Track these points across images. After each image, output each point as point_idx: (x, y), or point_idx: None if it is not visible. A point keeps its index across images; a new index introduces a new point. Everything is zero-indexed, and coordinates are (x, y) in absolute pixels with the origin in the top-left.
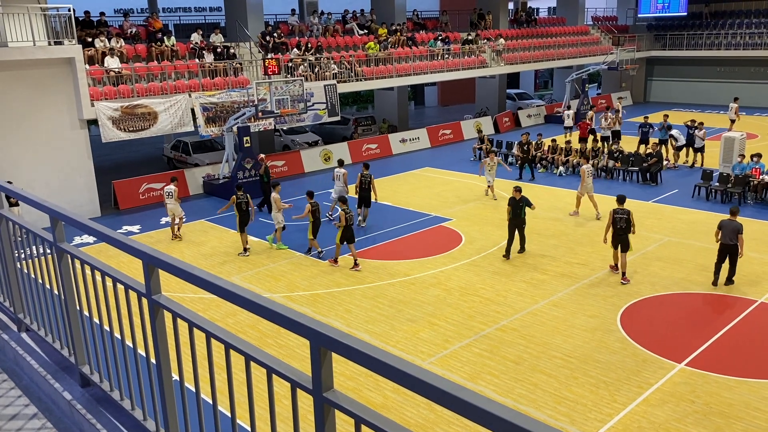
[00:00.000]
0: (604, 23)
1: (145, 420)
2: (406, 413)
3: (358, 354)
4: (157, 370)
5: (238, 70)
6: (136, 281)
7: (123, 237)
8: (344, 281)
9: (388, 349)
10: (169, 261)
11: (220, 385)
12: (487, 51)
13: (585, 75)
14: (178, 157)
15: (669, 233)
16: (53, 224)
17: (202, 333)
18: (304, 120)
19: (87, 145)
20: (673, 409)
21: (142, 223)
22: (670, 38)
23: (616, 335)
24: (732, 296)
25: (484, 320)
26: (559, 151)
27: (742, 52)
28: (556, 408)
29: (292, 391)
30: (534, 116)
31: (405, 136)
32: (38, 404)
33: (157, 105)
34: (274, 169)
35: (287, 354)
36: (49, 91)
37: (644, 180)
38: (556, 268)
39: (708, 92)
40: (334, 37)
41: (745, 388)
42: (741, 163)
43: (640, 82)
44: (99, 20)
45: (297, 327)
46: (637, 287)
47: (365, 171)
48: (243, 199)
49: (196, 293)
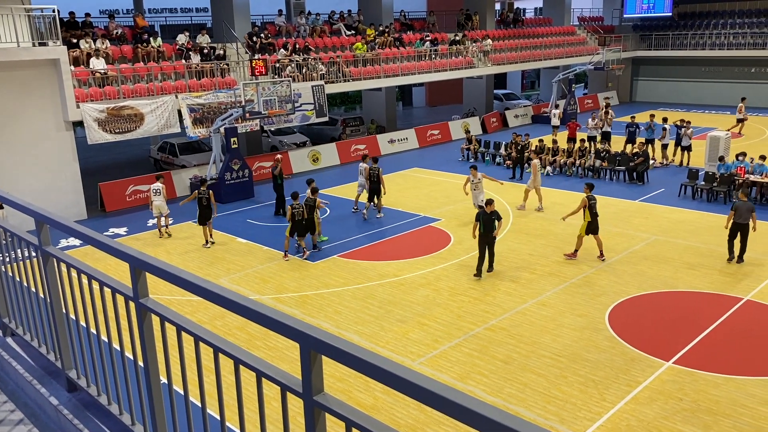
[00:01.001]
0: (590, 23)
1: (133, 425)
2: (396, 414)
3: (348, 357)
4: (145, 375)
5: (225, 71)
6: (123, 284)
7: (109, 240)
8: (333, 283)
9: (377, 350)
10: (156, 264)
11: (209, 388)
12: (472, 50)
13: (571, 75)
14: (165, 158)
15: (656, 232)
16: (38, 227)
17: (191, 336)
18: (291, 121)
19: (73, 147)
20: (662, 406)
21: (129, 225)
22: (655, 38)
23: (604, 334)
24: (719, 294)
25: (474, 320)
26: (546, 150)
27: (727, 52)
28: (546, 407)
29: (282, 395)
30: (521, 116)
31: (393, 136)
32: (24, 410)
33: (143, 106)
34: (261, 171)
35: (277, 356)
36: (33, 93)
37: (631, 179)
38: (544, 267)
39: (693, 92)
40: (321, 38)
41: (732, 385)
42: (725, 163)
43: (626, 82)
44: (84, 21)
45: (286, 330)
46: (624, 286)
47: (374, 164)
48: (204, 195)
49: (185, 296)
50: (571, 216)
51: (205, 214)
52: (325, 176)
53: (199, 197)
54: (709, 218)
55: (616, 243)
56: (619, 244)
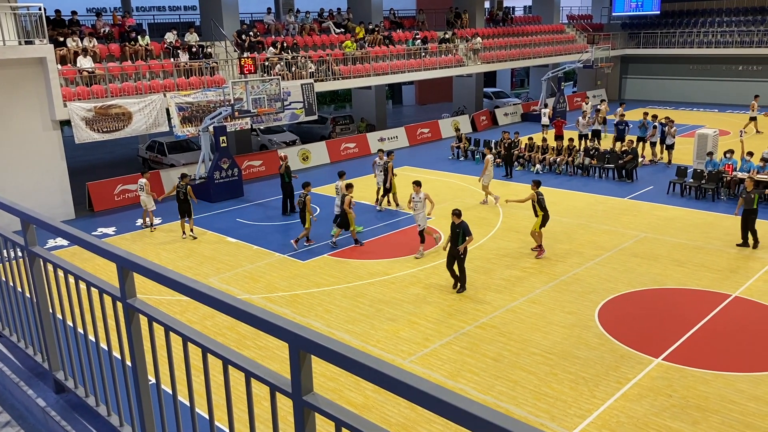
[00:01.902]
0: (579, 22)
1: (121, 426)
2: (387, 413)
3: (338, 356)
4: (133, 375)
5: (213, 70)
6: (110, 285)
7: (96, 240)
8: (324, 282)
9: (368, 349)
10: (143, 264)
11: (198, 388)
12: (463, 49)
13: (561, 73)
14: (154, 157)
15: (645, 229)
16: (24, 228)
17: (179, 337)
18: (281, 119)
19: (60, 146)
20: (651, 403)
21: (118, 224)
22: (644, 36)
23: (594, 331)
24: (707, 291)
25: (464, 318)
26: (536, 149)
27: (714, 50)
28: (536, 404)
29: (271, 395)
30: (511, 114)
31: (383, 135)
32: (11, 411)
33: (131, 105)
34: (250, 170)
35: (267, 355)
36: (20, 92)
37: (620, 177)
38: (534, 265)
39: (681, 90)
40: (311, 36)
41: (720, 381)
42: (713, 160)
43: (614, 80)
44: (71, 19)
45: (276, 330)
46: (614, 283)
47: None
48: (182, 189)
49: (173, 296)
50: (514, 202)
51: (183, 207)
52: (314, 175)
53: (177, 191)
54: (698, 215)
55: (605, 240)
56: (608, 241)
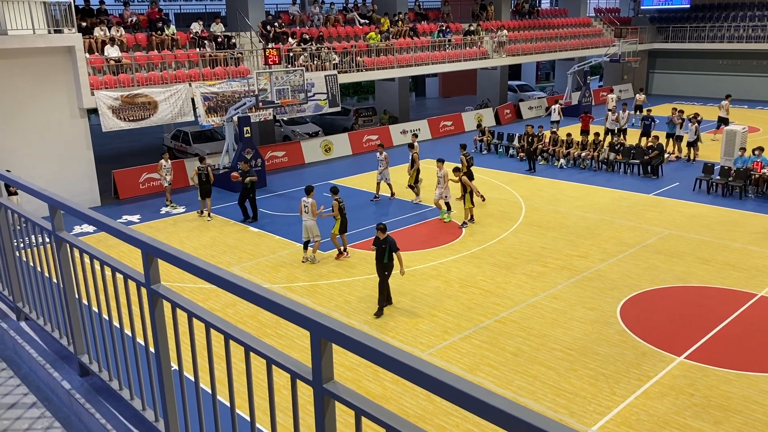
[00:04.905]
0: (606, 15)
1: (144, 410)
2: (405, 404)
3: (359, 345)
4: (156, 360)
5: (238, 60)
6: (135, 271)
7: (122, 226)
8: (344, 273)
9: (387, 340)
10: (168, 251)
11: (219, 375)
12: (488, 42)
13: (587, 67)
14: (179, 146)
15: (669, 226)
16: (52, 213)
17: (202, 323)
18: (304, 110)
19: (87, 134)
20: (672, 401)
21: (142, 212)
22: (672, 30)
23: (615, 328)
24: (732, 290)
25: (484, 312)
26: (560, 143)
27: (745, 45)
28: (555, 400)
29: (292, 382)
30: (535, 108)
31: (406, 127)
32: (37, 393)
33: (157, 94)
34: (273, 160)
35: (287, 344)
36: (48, 80)
37: (645, 173)
38: (556, 260)
39: (710, 85)
40: (335, 27)
41: (744, 381)
42: (742, 157)
43: (642, 75)
44: (99, 9)
45: (297, 318)
46: (636, 280)
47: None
48: (203, 171)
49: (196, 283)
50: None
51: (205, 189)
52: (337, 167)
53: (198, 173)
54: (724, 213)
55: (629, 237)
56: (631, 238)
